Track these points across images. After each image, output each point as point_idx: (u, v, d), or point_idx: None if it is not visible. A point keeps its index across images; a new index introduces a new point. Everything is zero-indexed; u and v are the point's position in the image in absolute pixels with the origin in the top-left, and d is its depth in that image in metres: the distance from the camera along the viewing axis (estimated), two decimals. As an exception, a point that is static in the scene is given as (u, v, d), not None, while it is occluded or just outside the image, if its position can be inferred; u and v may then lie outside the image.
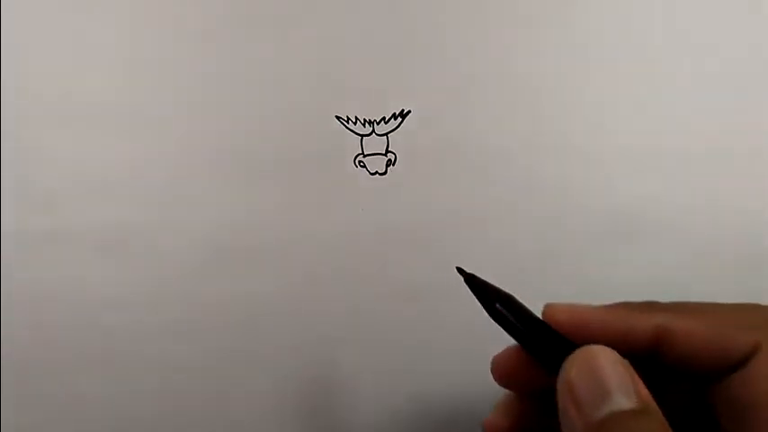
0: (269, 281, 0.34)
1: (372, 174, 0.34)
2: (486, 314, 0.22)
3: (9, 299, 0.33)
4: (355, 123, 0.33)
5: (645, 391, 0.18)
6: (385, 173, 0.34)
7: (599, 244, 0.34)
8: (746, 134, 0.35)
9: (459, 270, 0.23)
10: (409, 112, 0.34)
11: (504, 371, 0.21)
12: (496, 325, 0.21)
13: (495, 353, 0.22)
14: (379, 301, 0.33)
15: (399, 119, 0.34)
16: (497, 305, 0.22)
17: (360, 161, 0.34)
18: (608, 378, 0.18)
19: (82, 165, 0.33)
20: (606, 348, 0.18)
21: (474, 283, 0.23)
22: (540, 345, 0.20)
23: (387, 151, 0.34)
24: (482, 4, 0.33)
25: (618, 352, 0.18)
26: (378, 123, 0.33)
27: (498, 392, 0.22)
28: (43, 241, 0.33)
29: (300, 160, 0.34)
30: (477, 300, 0.22)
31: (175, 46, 0.33)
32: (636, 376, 0.18)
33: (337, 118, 0.33)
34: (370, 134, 0.33)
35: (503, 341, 0.23)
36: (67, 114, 0.33)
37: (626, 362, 0.18)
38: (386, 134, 0.34)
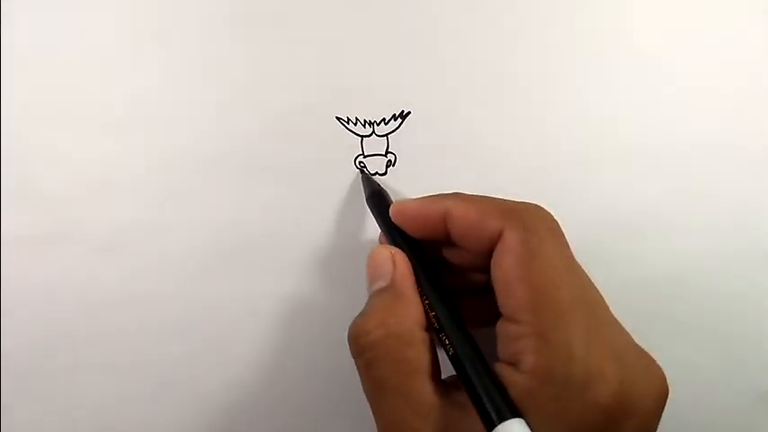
0: (269, 281, 0.34)
1: (372, 174, 0.34)
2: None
3: (9, 299, 0.33)
4: (355, 124, 0.33)
5: (399, 275, 0.25)
6: (385, 173, 0.34)
7: (599, 244, 0.34)
8: (746, 134, 0.35)
9: (359, 167, 0.32)
10: (409, 112, 0.34)
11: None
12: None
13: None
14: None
15: (399, 120, 0.34)
16: (372, 199, 0.31)
17: (360, 162, 0.34)
18: (371, 269, 0.26)
19: (82, 165, 0.33)
20: (380, 247, 0.27)
21: (365, 177, 0.32)
22: (388, 233, 0.29)
23: (387, 152, 0.34)
24: (482, 4, 0.34)
25: (425, 231, 0.27)
26: (378, 124, 0.33)
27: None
28: (43, 241, 0.33)
29: (301, 161, 0.34)
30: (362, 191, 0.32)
31: (175, 46, 0.33)
32: (400, 264, 0.26)
33: (338, 119, 0.33)
34: (371, 135, 0.33)
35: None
36: (67, 114, 0.33)
37: (395, 254, 0.26)
38: (386, 135, 0.34)
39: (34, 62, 0.32)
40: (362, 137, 0.33)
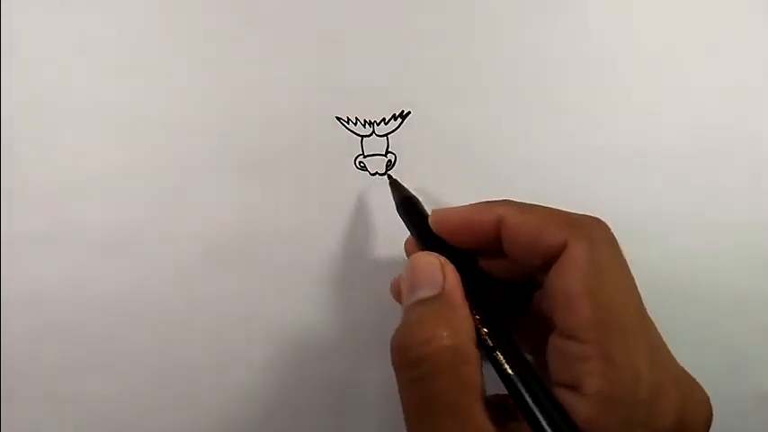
0: (269, 281, 0.34)
1: (373, 174, 0.34)
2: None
3: (9, 299, 0.33)
4: (356, 124, 0.33)
5: (450, 285, 0.23)
6: (385, 173, 0.34)
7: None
8: (746, 134, 0.35)
9: (387, 175, 0.31)
10: (409, 112, 0.34)
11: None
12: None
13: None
14: (380, 302, 0.33)
15: (399, 119, 0.34)
16: (403, 206, 0.28)
17: (360, 162, 0.34)
18: (417, 276, 0.23)
19: (81, 164, 0.33)
20: (425, 254, 0.24)
21: (394, 183, 0.30)
22: (425, 241, 0.26)
23: (387, 152, 0.34)
24: (482, 4, 0.34)
25: (472, 240, 0.25)
26: (378, 124, 0.33)
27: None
28: (43, 241, 0.33)
29: (301, 161, 0.34)
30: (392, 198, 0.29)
31: (175, 46, 0.33)
32: (450, 274, 0.23)
33: (338, 119, 0.33)
34: (371, 135, 0.33)
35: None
36: (67, 114, 0.33)
37: (444, 263, 0.24)
38: (386, 135, 0.34)
39: (34, 62, 0.32)
40: (362, 137, 0.33)
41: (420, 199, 0.31)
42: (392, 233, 0.33)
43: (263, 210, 0.34)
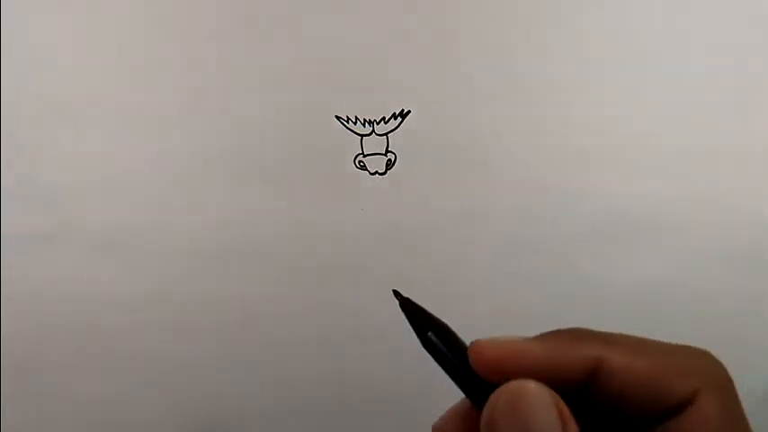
0: (269, 280, 0.34)
1: (372, 173, 0.34)
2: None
3: (9, 299, 0.33)
4: (355, 123, 0.33)
5: None
6: (385, 173, 0.34)
7: (599, 243, 0.34)
8: (746, 134, 0.35)
9: (395, 293, 0.20)
10: (409, 112, 0.34)
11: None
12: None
13: None
14: (379, 301, 0.33)
15: (399, 119, 0.33)
16: (429, 334, 0.19)
17: (360, 161, 0.34)
18: (533, 420, 0.16)
19: (82, 164, 0.33)
20: (534, 383, 0.17)
21: (408, 308, 0.20)
22: (469, 379, 0.18)
23: (387, 151, 0.34)
24: (482, 4, 0.33)
25: (557, 381, 0.17)
26: (378, 123, 0.33)
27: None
28: (43, 241, 0.33)
29: (301, 160, 0.34)
30: (410, 326, 0.20)
31: (175, 46, 0.33)
32: (567, 415, 0.17)
33: (337, 118, 0.33)
34: (370, 134, 0.33)
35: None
36: (67, 114, 0.33)
37: (557, 399, 0.17)
38: (386, 134, 0.34)
39: (34, 62, 0.32)
40: (362, 136, 0.33)
41: (420, 199, 0.31)
42: (392, 231, 0.33)
43: (263, 209, 0.34)
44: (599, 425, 0.19)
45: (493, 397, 0.17)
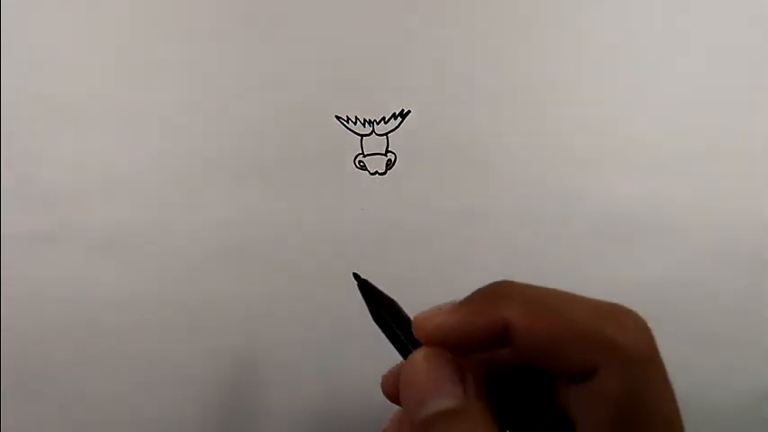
0: (268, 280, 0.34)
1: (372, 174, 0.34)
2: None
3: (9, 299, 0.33)
4: (355, 123, 0.33)
5: (472, 391, 0.18)
6: (385, 173, 0.34)
7: (599, 243, 0.34)
8: (746, 134, 0.35)
9: (355, 275, 0.23)
10: (409, 112, 0.34)
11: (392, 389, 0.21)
12: None
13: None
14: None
15: (399, 119, 0.34)
16: (381, 311, 0.22)
17: (360, 161, 0.34)
18: (426, 381, 0.18)
19: (82, 165, 0.33)
20: (428, 351, 0.19)
21: (365, 288, 0.23)
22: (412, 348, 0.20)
23: (387, 151, 0.34)
24: (482, 4, 0.33)
25: (472, 344, 0.19)
26: (378, 123, 0.33)
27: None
28: (43, 241, 0.33)
29: (301, 160, 0.34)
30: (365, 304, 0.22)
31: (175, 46, 0.33)
32: (466, 375, 0.18)
33: (337, 118, 0.33)
34: (370, 134, 0.33)
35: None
36: (67, 114, 0.33)
37: (452, 361, 0.18)
38: (386, 134, 0.34)
39: (34, 62, 0.32)
40: (362, 136, 0.33)
41: (420, 199, 0.31)
42: (392, 231, 0.33)
43: (263, 209, 0.34)
44: (526, 382, 0.20)
45: (403, 365, 0.19)
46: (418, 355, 0.19)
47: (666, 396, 0.17)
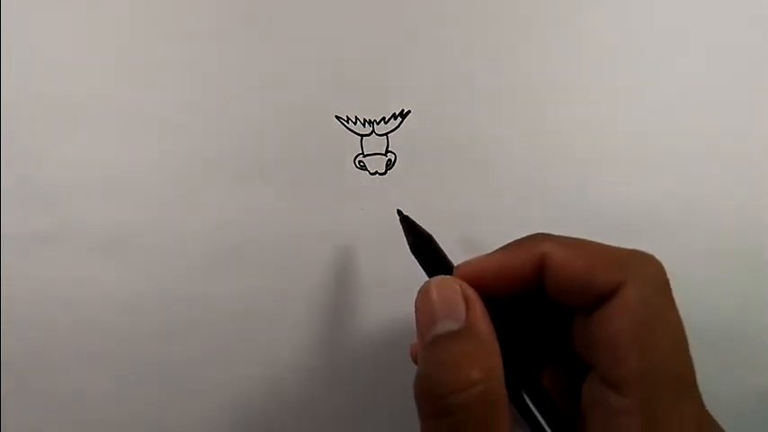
0: (269, 281, 0.34)
1: (372, 174, 0.34)
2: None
3: (9, 299, 0.33)
4: (355, 123, 0.33)
5: (476, 315, 0.20)
6: (385, 173, 0.34)
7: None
8: (746, 134, 0.35)
9: (398, 211, 0.27)
10: (409, 112, 0.34)
11: None
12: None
13: None
14: (379, 301, 0.33)
15: (399, 119, 0.34)
16: (420, 244, 0.25)
17: (360, 161, 0.34)
18: (436, 305, 0.21)
19: (82, 165, 0.33)
20: (443, 278, 0.21)
21: (406, 222, 0.27)
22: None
23: (387, 151, 0.34)
24: (482, 4, 0.33)
25: (508, 282, 0.21)
26: (378, 123, 0.33)
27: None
28: (43, 241, 0.33)
29: (300, 160, 0.34)
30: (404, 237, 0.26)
31: (175, 46, 0.33)
32: (475, 302, 0.20)
33: (337, 118, 0.33)
34: (370, 134, 0.33)
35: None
36: (67, 114, 0.33)
37: (460, 289, 0.21)
38: (386, 134, 0.34)
39: (34, 62, 0.32)
40: (362, 136, 0.33)
41: (420, 199, 0.31)
42: (392, 232, 0.33)
43: (263, 209, 0.34)
44: (550, 316, 0.23)
45: (419, 291, 0.22)
46: (431, 283, 0.21)
47: (675, 316, 0.20)
